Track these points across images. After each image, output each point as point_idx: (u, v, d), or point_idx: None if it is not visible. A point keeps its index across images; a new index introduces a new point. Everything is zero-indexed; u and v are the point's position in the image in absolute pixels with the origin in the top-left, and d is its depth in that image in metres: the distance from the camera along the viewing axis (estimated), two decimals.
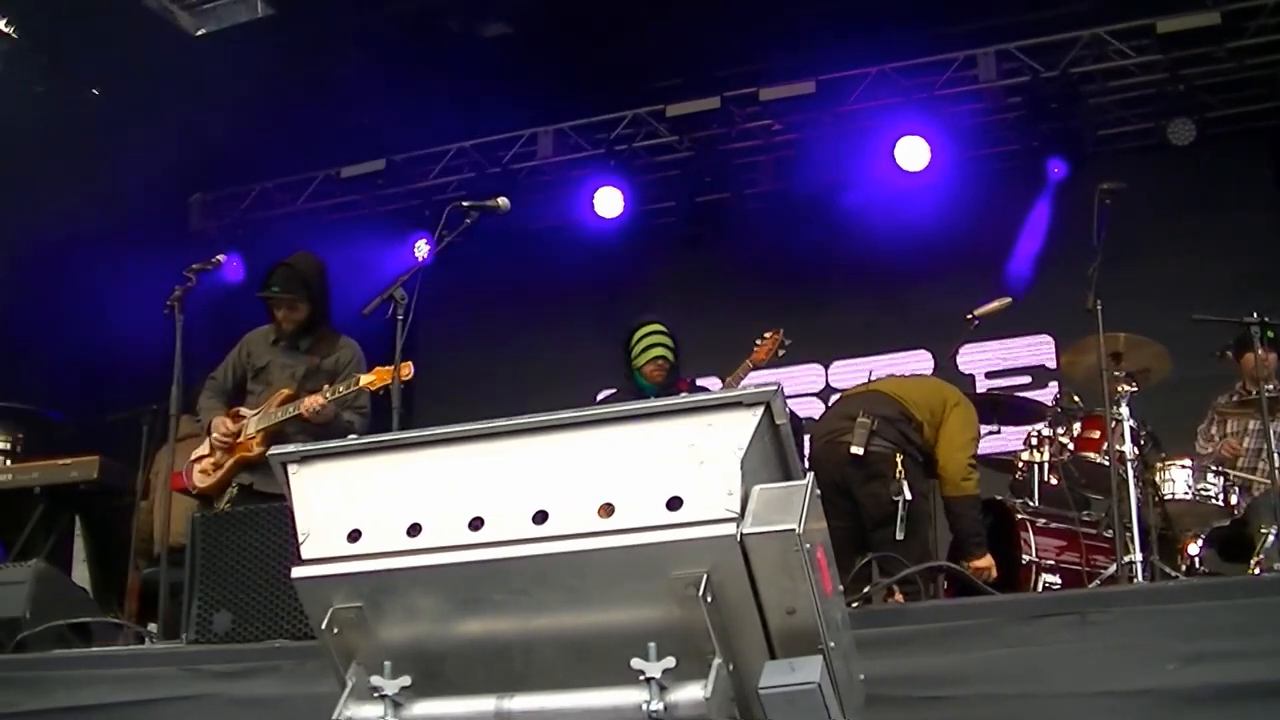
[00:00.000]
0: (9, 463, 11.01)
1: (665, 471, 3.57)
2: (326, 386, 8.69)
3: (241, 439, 8.84)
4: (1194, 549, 9.33)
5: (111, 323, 12.93)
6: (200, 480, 8.94)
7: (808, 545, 3.43)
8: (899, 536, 7.85)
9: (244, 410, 8.97)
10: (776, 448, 3.72)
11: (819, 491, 3.62)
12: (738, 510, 3.46)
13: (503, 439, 3.81)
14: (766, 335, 9.29)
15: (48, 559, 8.99)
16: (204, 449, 9.04)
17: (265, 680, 5.78)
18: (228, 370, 9.17)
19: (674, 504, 3.52)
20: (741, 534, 3.43)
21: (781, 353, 9.25)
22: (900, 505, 7.97)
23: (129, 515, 10.00)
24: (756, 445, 3.59)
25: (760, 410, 3.60)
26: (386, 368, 8.33)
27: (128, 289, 12.76)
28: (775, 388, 3.61)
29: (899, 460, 8.21)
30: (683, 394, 3.72)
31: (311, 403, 8.62)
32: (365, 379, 8.46)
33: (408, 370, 8.20)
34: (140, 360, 10.60)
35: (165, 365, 8.84)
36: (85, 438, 11.51)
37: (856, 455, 8.21)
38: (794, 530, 3.39)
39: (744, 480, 3.51)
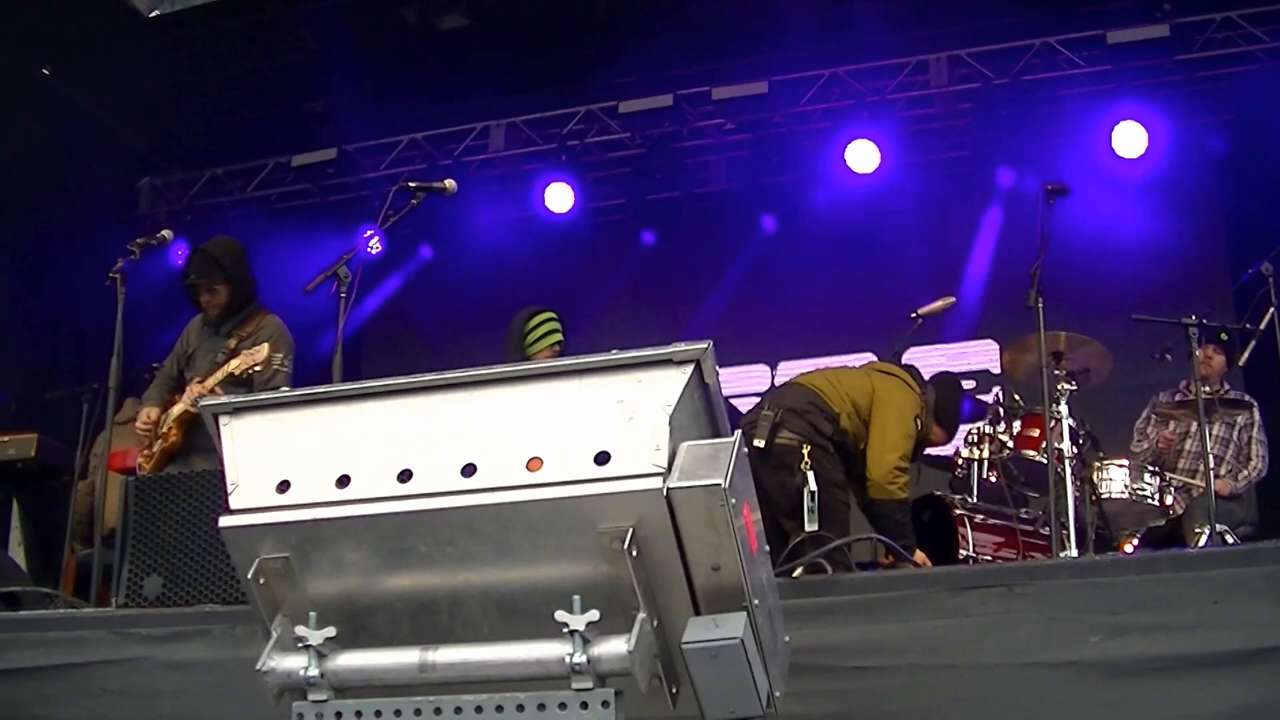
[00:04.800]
0: None
1: (594, 426, 3.59)
2: (196, 381, 8.78)
3: (163, 428, 8.93)
4: (1129, 549, 9.39)
5: (56, 303, 12.89)
6: (144, 469, 9.00)
7: (733, 501, 3.45)
8: (809, 527, 7.72)
9: (177, 398, 9.03)
10: (706, 406, 3.74)
11: (748, 450, 3.64)
12: (665, 465, 3.48)
13: (433, 393, 3.81)
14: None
15: None
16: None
17: (195, 644, 5.76)
18: (172, 360, 9.25)
19: (602, 458, 3.54)
20: (668, 488, 3.45)
21: None
22: (807, 496, 7.94)
23: (67, 495, 9.92)
24: (686, 402, 3.61)
25: (690, 368, 3.62)
26: (248, 352, 8.58)
27: (74, 270, 12.73)
28: (705, 346, 3.63)
29: (806, 451, 8.09)
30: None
31: (193, 392, 8.73)
32: (233, 364, 8.61)
33: (264, 352, 8.49)
34: (84, 340, 10.54)
35: (110, 345, 8.81)
36: (26, 417, 11.44)
37: (759, 448, 8.11)
38: (720, 485, 3.42)
39: (672, 436, 3.53)
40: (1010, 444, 9.52)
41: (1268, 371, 9.43)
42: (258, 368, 8.55)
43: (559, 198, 14.46)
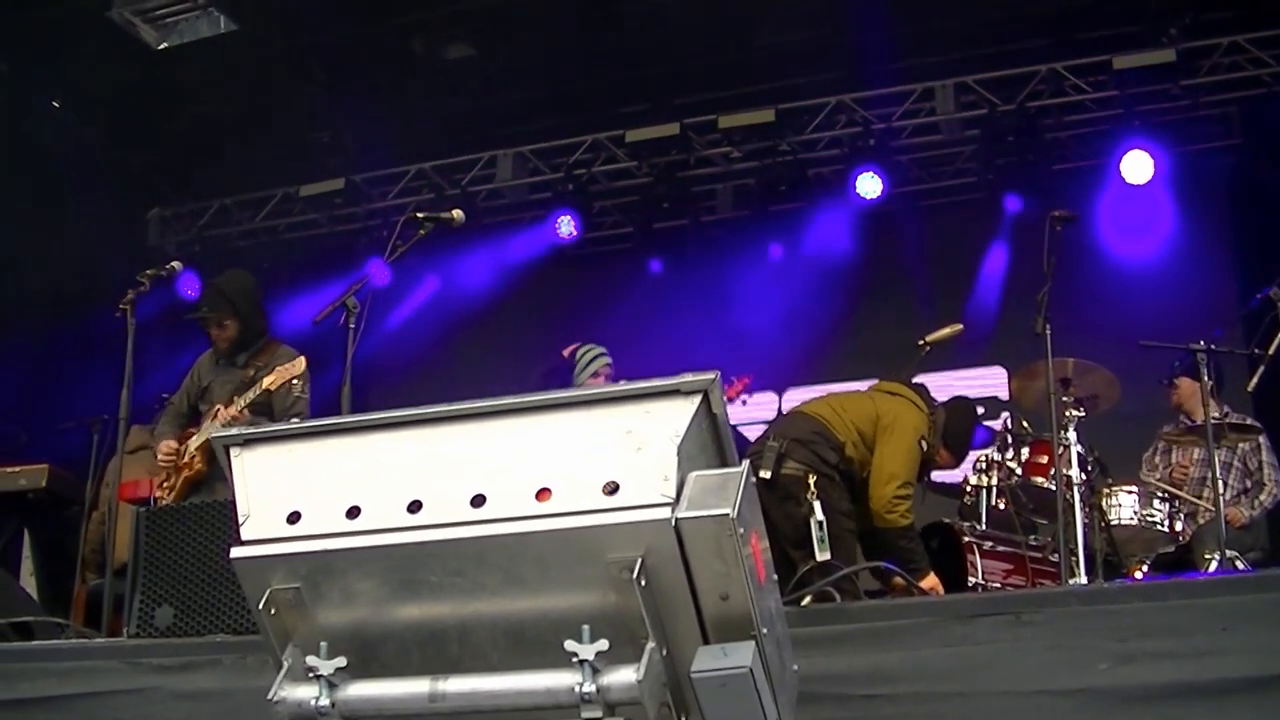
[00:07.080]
0: None
1: (603, 457, 3.59)
2: (236, 398, 8.83)
3: (185, 458, 8.99)
4: (1139, 575, 9.36)
5: (66, 333, 12.92)
6: (163, 499, 9.02)
7: (741, 530, 3.45)
8: (819, 557, 7.63)
9: (194, 430, 9.07)
10: (713, 435, 3.74)
11: (754, 480, 3.65)
12: (673, 495, 3.48)
13: (442, 424, 3.82)
14: (734, 379, 9.48)
15: None
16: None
17: (206, 674, 5.77)
18: (182, 395, 9.29)
19: (611, 489, 3.54)
20: (676, 518, 3.45)
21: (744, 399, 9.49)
22: (814, 526, 7.88)
23: (78, 526, 9.92)
24: (694, 432, 3.61)
25: (698, 398, 3.62)
26: (284, 366, 8.69)
27: (83, 301, 12.76)
28: (713, 376, 3.64)
29: (811, 481, 8.04)
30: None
31: (223, 416, 8.78)
32: (266, 380, 8.67)
33: (302, 364, 8.65)
34: (94, 371, 10.56)
35: (119, 376, 8.82)
36: (37, 448, 11.45)
37: (765, 479, 8.04)
38: (728, 515, 3.41)
39: (680, 466, 3.52)
40: (1019, 471, 9.49)
41: (1276, 397, 9.42)
42: (295, 380, 8.68)
43: (567, 227, 14.48)
